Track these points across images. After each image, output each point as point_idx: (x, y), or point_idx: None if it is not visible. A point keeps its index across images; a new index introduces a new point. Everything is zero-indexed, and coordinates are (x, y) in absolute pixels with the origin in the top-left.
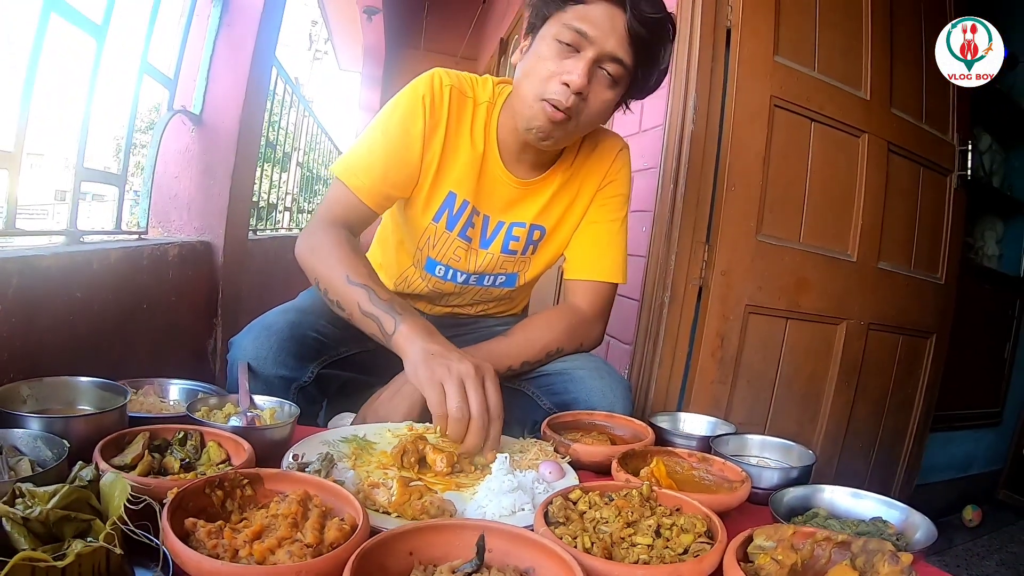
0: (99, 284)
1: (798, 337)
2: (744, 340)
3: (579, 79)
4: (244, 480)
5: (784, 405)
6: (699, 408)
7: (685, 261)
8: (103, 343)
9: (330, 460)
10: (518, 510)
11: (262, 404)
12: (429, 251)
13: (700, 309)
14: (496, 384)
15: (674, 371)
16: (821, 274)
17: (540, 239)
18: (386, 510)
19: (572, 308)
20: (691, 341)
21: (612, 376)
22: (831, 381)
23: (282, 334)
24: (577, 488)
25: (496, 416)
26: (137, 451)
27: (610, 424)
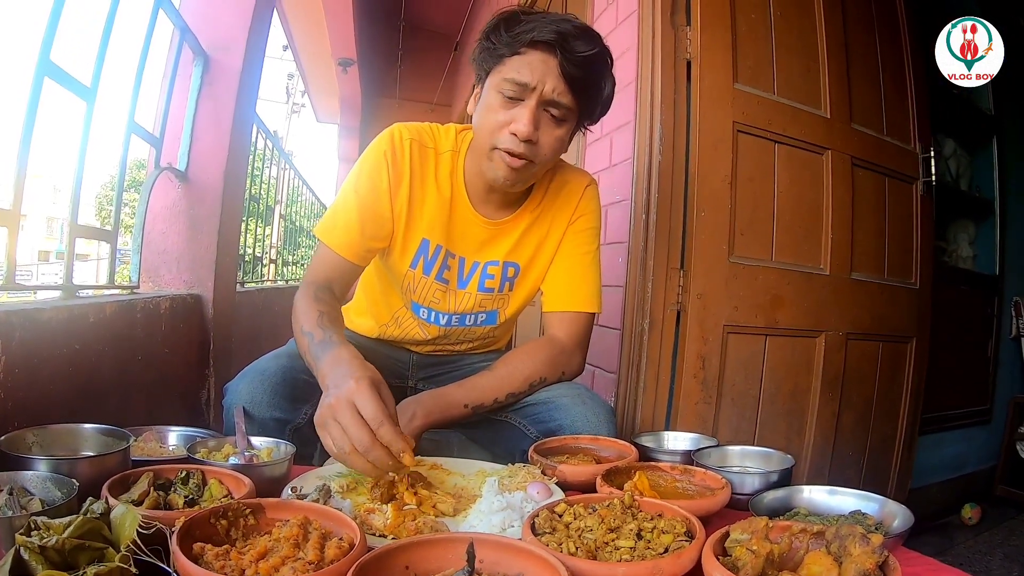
0: (96, 337)
1: (778, 353)
2: (725, 360)
3: (525, 128)
4: (247, 510)
5: (770, 421)
6: (687, 426)
7: (661, 288)
8: (101, 393)
9: (327, 491)
10: (508, 527)
11: (259, 444)
12: (411, 295)
13: (680, 333)
14: (367, 393)
15: (659, 395)
16: (796, 290)
17: (516, 276)
18: (382, 533)
19: (551, 339)
20: (673, 365)
21: (595, 401)
22: (815, 393)
23: (275, 378)
24: (562, 501)
25: (378, 423)
26: (143, 488)
27: (596, 447)
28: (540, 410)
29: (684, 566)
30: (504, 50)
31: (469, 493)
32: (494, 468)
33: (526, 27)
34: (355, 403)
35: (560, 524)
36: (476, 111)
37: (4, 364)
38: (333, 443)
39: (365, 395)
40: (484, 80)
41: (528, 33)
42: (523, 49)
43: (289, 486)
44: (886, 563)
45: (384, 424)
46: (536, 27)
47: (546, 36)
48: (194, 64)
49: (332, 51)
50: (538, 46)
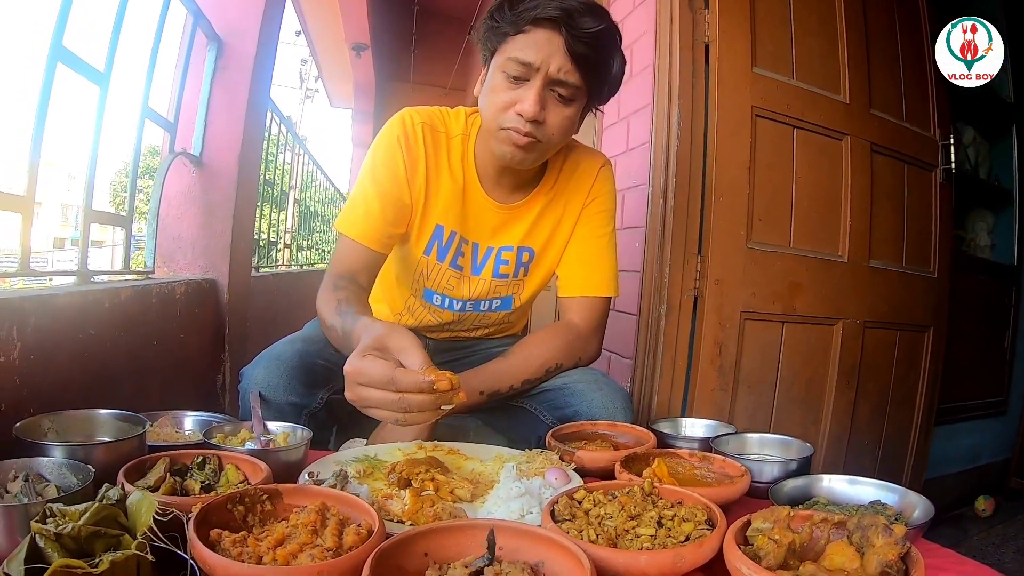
0: (111, 322)
1: (795, 340)
2: (742, 346)
3: (530, 108)
4: (264, 495)
5: (786, 408)
6: (704, 413)
7: (679, 273)
8: (116, 379)
9: (344, 476)
10: (526, 514)
11: (275, 429)
12: (424, 282)
13: (696, 319)
14: (367, 360)
15: (675, 382)
16: (814, 276)
17: (530, 261)
18: (400, 519)
19: (568, 325)
20: (690, 351)
21: (611, 387)
22: (831, 381)
23: (291, 363)
24: (581, 488)
25: (385, 382)
26: (159, 474)
27: (613, 432)
28: (556, 396)
29: (705, 555)
30: (508, 28)
31: (486, 479)
32: (511, 454)
33: (530, 4)
34: (364, 371)
35: (580, 511)
36: (482, 93)
37: (19, 350)
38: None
39: (366, 362)
40: (489, 61)
41: (532, 10)
42: (527, 27)
43: (306, 471)
44: (908, 554)
45: (393, 380)
46: (540, 4)
47: (550, 13)
48: (208, 49)
49: (346, 36)
50: (543, 23)
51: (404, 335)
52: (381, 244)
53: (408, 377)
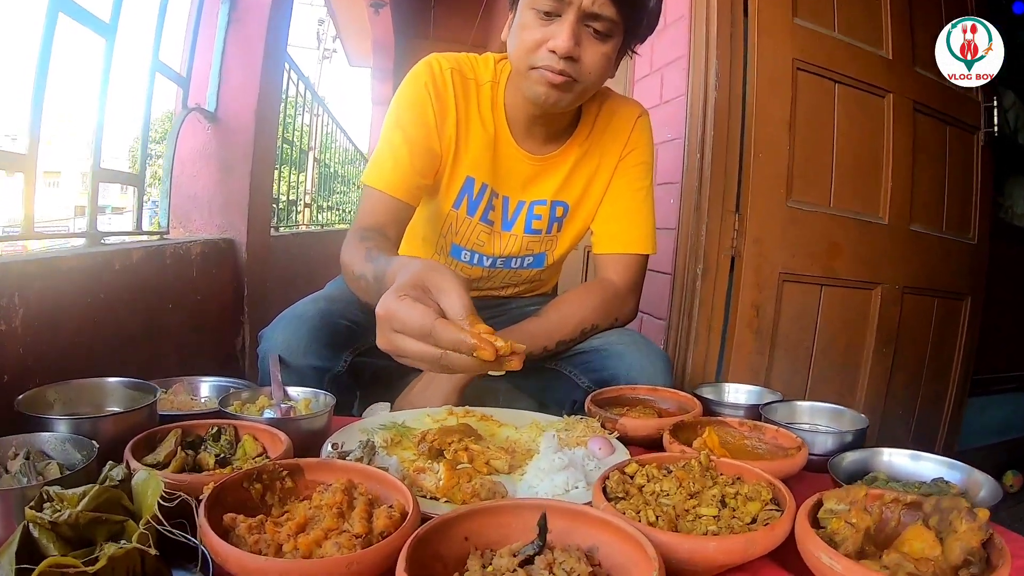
0: (122, 285)
1: (833, 304)
2: (780, 309)
3: (564, 43)
4: (284, 472)
5: (823, 375)
6: (740, 378)
7: (716, 231)
8: (129, 345)
9: (371, 447)
10: (572, 488)
11: (296, 395)
12: (453, 237)
13: (733, 280)
14: (404, 305)
15: (711, 344)
16: (854, 238)
17: (564, 215)
18: (434, 495)
19: (604, 283)
20: (726, 313)
21: (651, 349)
22: (868, 348)
23: (313, 323)
24: (632, 462)
25: (423, 333)
26: (170, 448)
27: (654, 397)
28: (593, 358)
29: (777, 539)
30: None
31: (522, 447)
32: (548, 420)
33: None
34: (395, 316)
35: (632, 487)
36: (510, 34)
37: (23, 317)
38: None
39: (403, 305)
40: (516, 1)
41: None
42: None
43: (329, 442)
44: (990, 541)
45: (433, 334)
46: None
47: None
48: (220, 1)
49: None
50: None
51: (445, 273)
52: (410, 195)
53: (449, 333)
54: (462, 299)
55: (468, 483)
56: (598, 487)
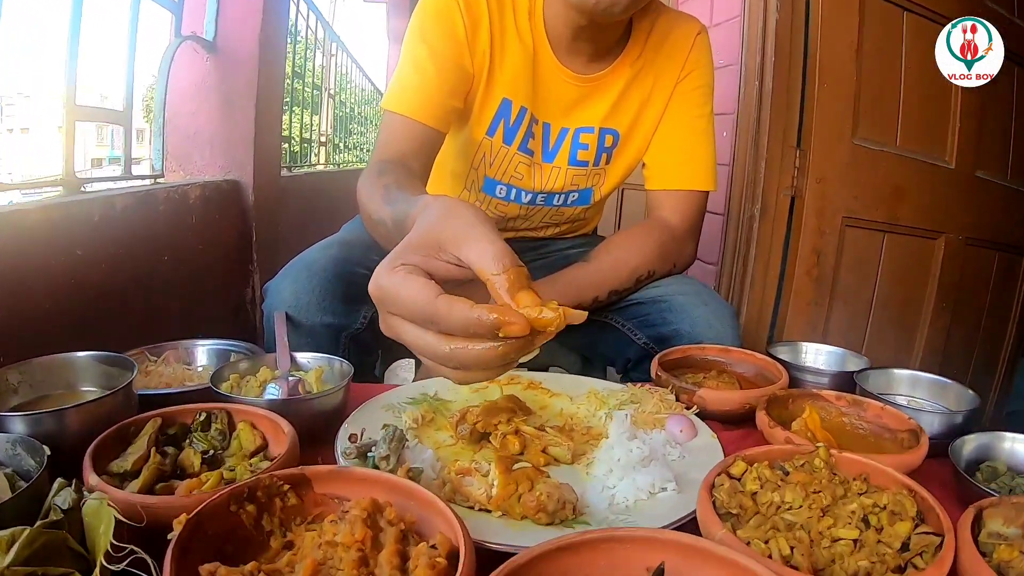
0: (105, 238)
1: (896, 253)
2: (841, 257)
3: None
4: (285, 486)
5: (880, 329)
6: (794, 334)
7: (775, 169)
8: (118, 307)
9: (399, 438)
10: (659, 490)
11: (306, 363)
12: (486, 170)
13: (792, 223)
14: (392, 264)
15: (766, 293)
16: (919, 183)
17: (614, 145)
18: (485, 507)
19: (660, 224)
20: (783, 259)
21: (717, 302)
22: (928, 302)
23: (326, 273)
24: (739, 460)
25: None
26: (141, 450)
27: (726, 359)
28: (651, 311)
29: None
30: None
31: (580, 424)
32: (608, 388)
33: None
34: (387, 294)
35: (746, 499)
36: None
37: None
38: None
39: (396, 277)
40: None
41: None
42: None
43: (346, 429)
44: None
45: (435, 316)
46: None
47: None
48: None
49: None
50: None
51: (463, 215)
52: (439, 119)
53: (457, 312)
54: (493, 245)
55: (530, 491)
56: (706, 503)
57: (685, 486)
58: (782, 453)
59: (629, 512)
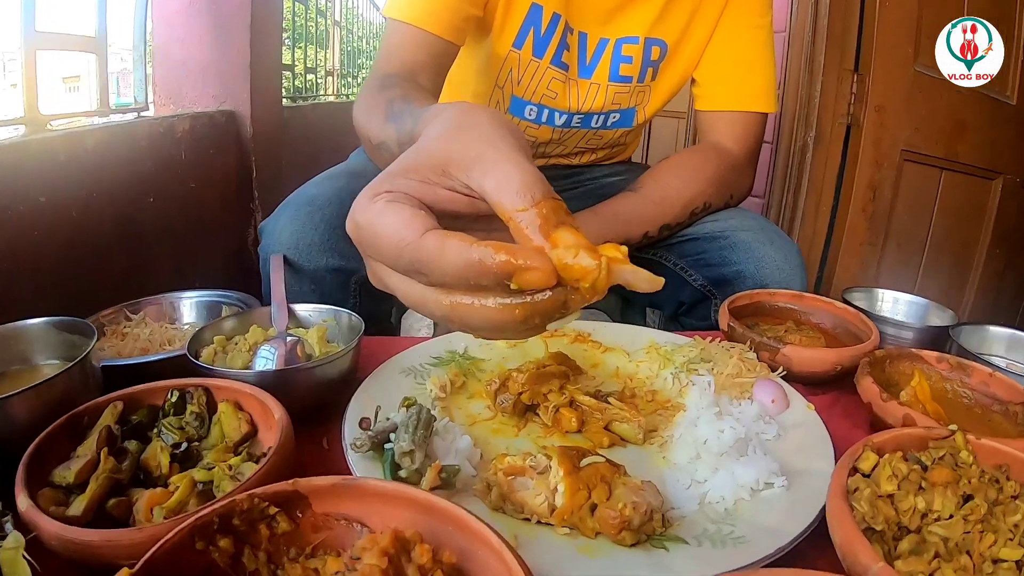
0: (73, 181)
1: (953, 192)
2: (897, 193)
3: None
4: (270, 508)
5: (932, 272)
6: (845, 276)
7: (831, 94)
8: (94, 261)
9: (427, 423)
10: (763, 486)
11: (307, 316)
12: (513, 88)
13: (847, 154)
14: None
15: (817, 229)
16: (980, 118)
17: (661, 58)
18: (545, 519)
19: (718, 150)
20: (836, 193)
21: (783, 240)
22: (983, 245)
23: (331, 208)
24: (866, 449)
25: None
26: (90, 453)
27: (799, 307)
28: (708, 248)
29: None
30: None
31: (643, 388)
32: (670, 341)
33: None
34: (363, 232)
35: (886, 506)
36: None
37: None
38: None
39: (374, 208)
40: None
41: None
42: None
43: (357, 408)
44: None
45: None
46: None
47: None
48: None
49: None
50: None
51: (482, 127)
52: (452, 29)
53: (450, 253)
54: (520, 169)
55: (607, 500)
56: (847, 519)
57: (791, 479)
58: (913, 439)
59: (730, 519)
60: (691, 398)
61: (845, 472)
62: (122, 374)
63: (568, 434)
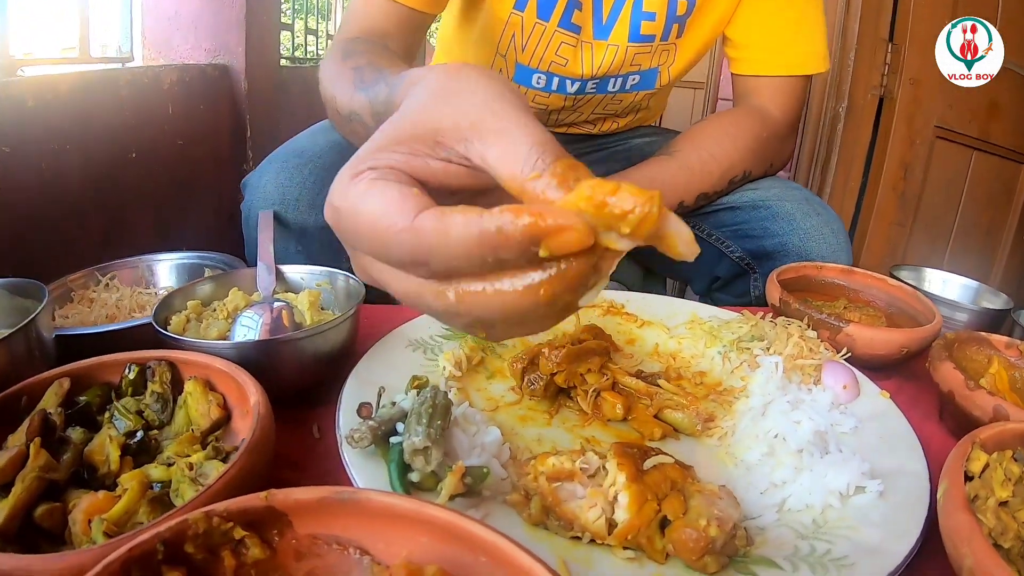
0: (43, 130)
1: (983, 174)
2: (928, 172)
3: None
4: (238, 531)
5: (959, 256)
6: (872, 256)
7: (865, 64)
8: (63, 220)
9: (444, 411)
10: (852, 491)
11: (298, 279)
12: (517, 55)
13: (879, 128)
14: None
15: (844, 206)
16: (1014, 99)
17: (688, 13)
18: (603, 540)
19: (760, 114)
20: (866, 169)
21: (827, 211)
22: (1010, 230)
23: (322, 160)
24: (974, 445)
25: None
26: (20, 442)
27: (849, 283)
28: (749, 218)
29: None
30: None
31: (689, 369)
32: (714, 316)
33: None
34: (343, 217)
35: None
36: None
37: None
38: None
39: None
40: None
41: None
42: None
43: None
44: None
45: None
46: None
47: None
48: None
49: None
50: None
51: (478, 89)
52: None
53: (456, 229)
54: (526, 131)
55: (683, 515)
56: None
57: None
58: (1016, 436)
59: (823, 533)
60: (756, 383)
61: (961, 477)
62: (81, 346)
63: (610, 423)
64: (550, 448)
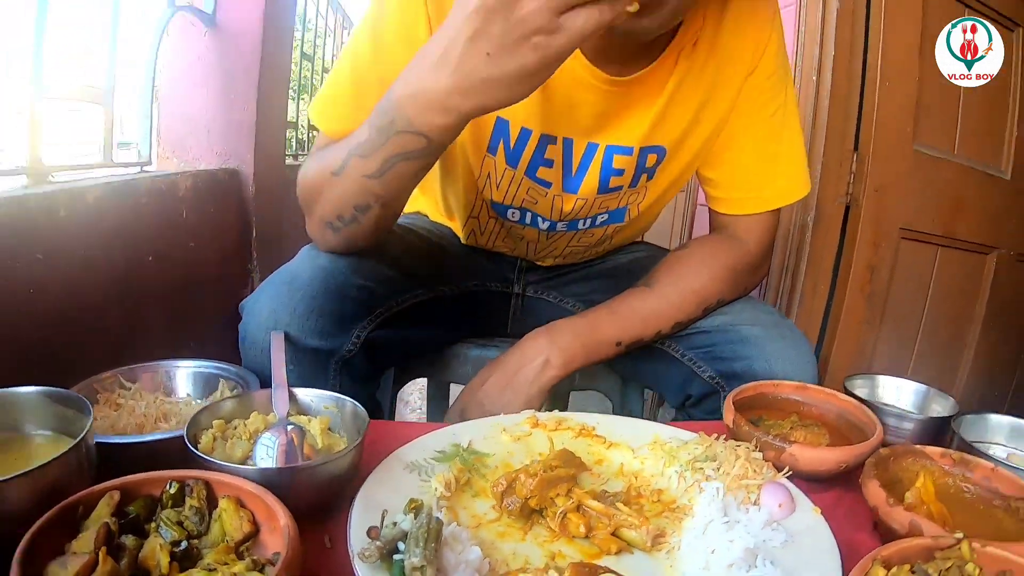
0: (72, 237)
1: (948, 270)
2: (894, 272)
3: None
4: None
5: (928, 351)
6: (842, 355)
7: (832, 174)
8: (90, 322)
9: (436, 533)
10: None
11: (308, 402)
12: (492, 193)
13: (846, 234)
14: None
15: (814, 310)
16: (977, 194)
17: (657, 164)
18: None
19: (734, 245)
20: (834, 274)
21: (794, 334)
22: (976, 322)
23: (311, 288)
24: (874, 564)
25: None
26: (87, 548)
27: (802, 398)
28: (719, 341)
29: None
30: None
31: (649, 487)
32: (675, 437)
33: None
34: None
35: None
36: None
37: None
38: None
39: None
40: None
41: None
42: None
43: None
44: None
45: None
46: None
47: None
48: None
49: None
50: None
51: None
52: None
53: None
54: None
55: None
56: None
57: None
58: (920, 550)
59: None
60: (700, 505)
61: None
62: (116, 450)
63: (575, 539)
64: (523, 562)
